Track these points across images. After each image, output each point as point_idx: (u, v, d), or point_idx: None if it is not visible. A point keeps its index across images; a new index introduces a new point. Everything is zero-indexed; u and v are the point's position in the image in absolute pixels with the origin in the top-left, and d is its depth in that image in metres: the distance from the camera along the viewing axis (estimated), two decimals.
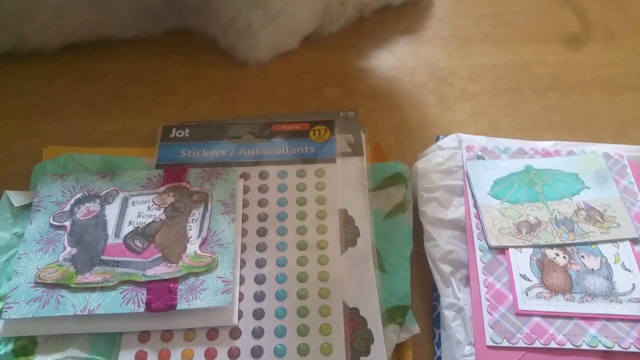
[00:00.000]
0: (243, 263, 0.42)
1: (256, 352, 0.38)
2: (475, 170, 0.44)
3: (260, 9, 0.54)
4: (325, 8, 0.58)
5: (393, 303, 0.40)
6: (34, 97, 0.55)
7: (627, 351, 0.35)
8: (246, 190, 0.46)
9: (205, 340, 0.39)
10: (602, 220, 0.41)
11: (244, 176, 0.47)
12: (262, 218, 0.45)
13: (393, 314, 0.40)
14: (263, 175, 0.47)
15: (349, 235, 0.43)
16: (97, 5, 0.53)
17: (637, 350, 0.35)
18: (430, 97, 0.55)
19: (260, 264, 0.42)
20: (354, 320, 0.39)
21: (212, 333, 0.39)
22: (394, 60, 0.58)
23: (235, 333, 0.39)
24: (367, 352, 0.38)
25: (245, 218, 0.45)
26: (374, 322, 0.39)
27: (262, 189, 0.46)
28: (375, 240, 0.43)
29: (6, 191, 0.45)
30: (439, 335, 0.39)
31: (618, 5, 0.63)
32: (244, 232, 0.44)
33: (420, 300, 0.42)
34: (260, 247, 0.43)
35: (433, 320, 0.41)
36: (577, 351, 0.36)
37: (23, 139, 0.52)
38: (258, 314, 0.40)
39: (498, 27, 0.61)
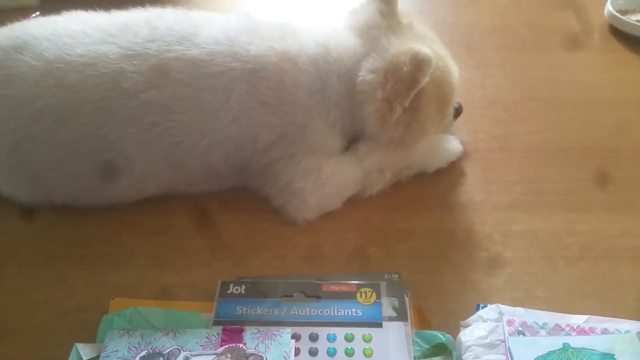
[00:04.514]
0: None
1: None
2: (516, 346, 0.46)
3: (313, 175, 0.61)
4: (366, 174, 0.64)
5: None
6: (102, 247, 0.61)
7: None
8: (297, 352, 0.49)
9: None
10: None
11: (295, 337, 0.50)
12: None
13: None
14: (313, 338, 0.50)
15: None
16: (175, 171, 0.61)
17: None
18: (468, 261, 0.59)
19: None
20: None
21: None
22: (432, 222, 0.63)
23: None
24: None
25: None
26: None
27: (312, 352, 0.49)
28: None
29: (76, 344, 0.49)
30: None
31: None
32: None
33: None
34: None
35: None
36: None
37: (91, 288, 0.56)
38: None
39: (527, 194, 0.66)
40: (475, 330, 0.48)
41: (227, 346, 0.49)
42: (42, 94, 0.57)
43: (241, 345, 0.49)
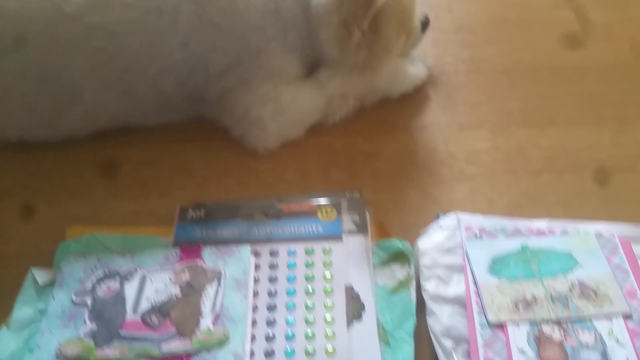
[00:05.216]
0: (253, 338, 0.44)
1: None
2: (474, 249, 0.46)
3: (272, 102, 0.60)
4: (328, 100, 0.63)
5: None
6: (59, 180, 0.59)
7: None
8: (257, 267, 0.49)
9: None
10: (595, 297, 0.43)
11: (255, 253, 0.50)
12: (272, 294, 0.47)
13: None
14: (273, 253, 0.50)
15: (355, 310, 0.46)
16: (127, 100, 0.59)
17: None
18: (430, 178, 0.58)
19: (270, 338, 0.44)
20: None
21: None
22: (396, 144, 0.62)
23: None
24: None
25: (256, 294, 0.47)
26: None
27: (273, 266, 0.49)
28: (380, 315, 0.45)
29: (31, 268, 0.48)
30: None
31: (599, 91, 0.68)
32: (255, 308, 0.46)
33: None
34: (270, 323, 0.45)
35: None
36: None
37: (49, 219, 0.55)
38: None
39: (493, 113, 0.65)
40: (433, 237, 0.48)
41: (184, 262, 0.48)
42: None
43: (199, 261, 0.48)
